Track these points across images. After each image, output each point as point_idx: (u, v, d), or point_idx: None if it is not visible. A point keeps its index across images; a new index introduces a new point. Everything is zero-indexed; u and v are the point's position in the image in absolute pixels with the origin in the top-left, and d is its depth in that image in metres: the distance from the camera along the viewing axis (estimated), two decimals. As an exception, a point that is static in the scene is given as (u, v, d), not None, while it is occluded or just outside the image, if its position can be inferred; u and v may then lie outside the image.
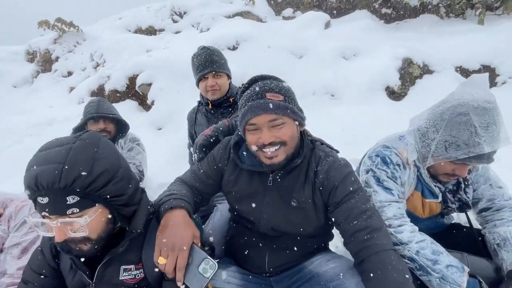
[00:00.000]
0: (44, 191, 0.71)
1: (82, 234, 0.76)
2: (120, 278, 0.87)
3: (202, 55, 1.76)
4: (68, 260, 0.91)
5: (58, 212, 0.73)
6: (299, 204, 1.08)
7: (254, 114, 0.98)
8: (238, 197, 1.16)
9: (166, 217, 0.92)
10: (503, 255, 1.11)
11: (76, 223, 0.75)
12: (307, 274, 1.12)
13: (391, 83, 3.94)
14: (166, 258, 0.82)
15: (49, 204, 0.72)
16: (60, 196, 0.72)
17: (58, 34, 7.50)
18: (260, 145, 1.01)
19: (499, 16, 5.25)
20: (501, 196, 1.23)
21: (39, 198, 0.72)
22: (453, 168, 1.13)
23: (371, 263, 0.89)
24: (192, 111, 2.02)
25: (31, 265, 0.92)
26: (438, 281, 0.98)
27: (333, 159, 1.09)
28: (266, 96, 0.99)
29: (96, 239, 0.81)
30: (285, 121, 1.01)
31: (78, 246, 0.80)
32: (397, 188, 1.18)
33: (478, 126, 1.01)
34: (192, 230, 0.89)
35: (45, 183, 0.70)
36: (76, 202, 0.73)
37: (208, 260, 0.83)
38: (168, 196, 1.00)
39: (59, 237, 0.75)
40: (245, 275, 1.20)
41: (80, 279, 0.88)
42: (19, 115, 4.79)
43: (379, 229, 0.94)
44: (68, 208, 0.73)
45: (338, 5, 6.96)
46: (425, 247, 1.04)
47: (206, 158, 1.25)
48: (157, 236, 0.87)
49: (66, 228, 0.76)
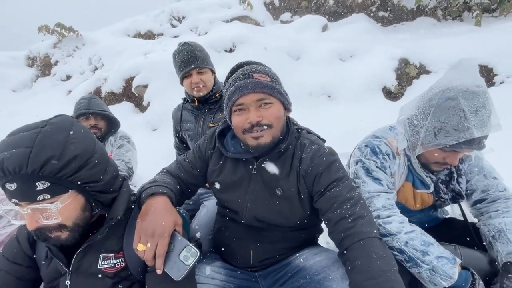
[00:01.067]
0: (11, 176, 0.68)
1: (55, 221, 0.73)
2: (99, 266, 0.83)
3: (184, 52, 1.70)
4: (44, 248, 0.87)
5: (28, 199, 0.70)
6: (284, 192, 1.04)
7: (242, 93, 0.97)
8: (223, 186, 1.13)
9: (147, 203, 0.90)
10: (498, 247, 1.06)
11: (48, 209, 0.71)
12: (294, 268, 1.08)
13: (388, 83, 3.92)
14: (145, 245, 0.79)
15: (17, 190, 0.69)
16: (29, 182, 0.69)
17: (57, 39, 7.57)
18: (247, 127, 0.98)
19: (496, 18, 5.27)
20: (495, 187, 1.18)
21: (7, 184, 0.69)
22: (443, 156, 1.09)
23: (354, 251, 0.84)
24: (177, 109, 1.97)
25: (5, 253, 0.88)
26: (428, 273, 0.93)
27: (318, 147, 1.06)
28: (254, 76, 0.98)
29: (72, 226, 0.77)
30: (272, 101, 0.99)
31: (54, 235, 0.76)
32: (387, 179, 1.14)
33: (467, 110, 0.97)
34: (173, 217, 0.86)
35: (12, 168, 0.67)
36: (46, 188, 0.70)
37: (190, 248, 0.80)
38: (150, 184, 0.99)
39: (31, 225, 0.72)
40: (230, 270, 1.15)
41: (55, 267, 0.84)
42: (17, 117, 4.79)
43: (363, 217, 0.90)
44: (38, 194, 0.70)
45: (336, 9, 7.00)
46: (414, 238, 0.99)
47: (192, 148, 1.23)
48: (137, 222, 0.84)
49: (38, 215, 0.72)
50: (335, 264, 1.00)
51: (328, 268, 0.99)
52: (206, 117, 1.81)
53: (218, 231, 1.24)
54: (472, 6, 5.42)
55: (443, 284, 0.91)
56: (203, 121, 1.81)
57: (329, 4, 7.04)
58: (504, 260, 1.03)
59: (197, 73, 1.71)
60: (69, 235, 0.78)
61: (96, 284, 0.83)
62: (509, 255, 1.02)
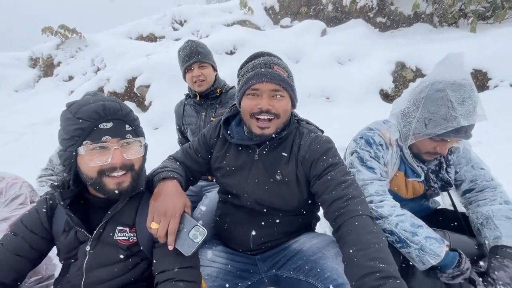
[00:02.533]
0: (110, 116, 0.85)
1: (139, 155, 0.90)
2: (115, 237, 0.90)
3: (187, 48, 1.81)
4: (62, 222, 0.93)
5: (119, 135, 0.86)
6: (283, 177, 1.10)
7: (260, 80, 1.03)
8: (226, 171, 1.19)
9: (159, 186, 0.97)
10: (486, 233, 1.12)
11: (133, 145, 0.90)
12: (292, 251, 1.13)
13: (385, 86, 4.01)
14: (158, 224, 0.86)
15: (112, 128, 0.85)
16: (121, 122, 0.88)
17: (61, 40, 7.65)
18: (256, 111, 1.05)
19: (491, 25, 5.40)
20: (483, 177, 1.24)
21: (102, 124, 0.84)
22: (434, 146, 1.16)
23: (346, 227, 0.89)
24: (180, 104, 2.05)
25: (24, 220, 0.94)
26: (417, 253, 0.99)
27: (315, 135, 1.13)
28: (274, 67, 1.05)
29: (137, 171, 0.91)
30: (285, 95, 1.07)
31: (118, 181, 0.87)
32: (380, 167, 1.20)
33: (454, 101, 1.04)
34: (183, 199, 0.94)
35: (112, 110, 0.86)
36: (131, 130, 0.90)
37: (198, 227, 0.88)
38: (161, 169, 1.05)
39: (118, 159, 0.85)
40: (230, 254, 1.20)
41: (75, 237, 0.90)
42: (18, 115, 4.84)
43: (356, 197, 0.95)
44: (127, 133, 0.88)
45: (335, 15, 7.15)
46: (404, 220, 1.04)
47: (197, 136, 1.29)
48: (150, 203, 0.92)
49: (124, 152, 0.86)
50: (330, 244, 1.06)
51: (323, 248, 1.06)
52: (207, 112, 1.89)
53: (220, 218, 1.29)
54: (468, 13, 5.56)
55: (431, 262, 0.97)
56: (205, 115, 1.89)
57: (328, 9, 7.19)
58: (491, 244, 1.08)
59: (199, 67, 1.80)
60: (130, 184, 0.89)
61: (111, 253, 0.89)
62: (496, 239, 1.07)
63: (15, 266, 0.89)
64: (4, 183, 1.30)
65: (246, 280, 1.14)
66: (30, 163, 3.25)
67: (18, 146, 3.59)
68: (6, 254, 0.88)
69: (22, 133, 3.97)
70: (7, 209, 1.25)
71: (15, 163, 3.33)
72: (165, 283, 0.82)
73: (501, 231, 1.08)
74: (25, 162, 3.24)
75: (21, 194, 1.31)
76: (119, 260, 0.89)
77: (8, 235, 0.92)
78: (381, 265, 0.77)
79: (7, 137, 3.87)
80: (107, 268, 0.88)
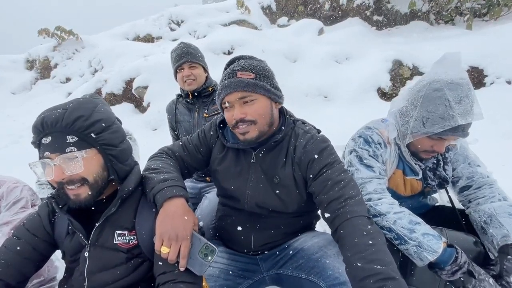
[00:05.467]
0: (48, 129, 0.81)
1: (79, 170, 0.83)
2: (114, 241, 0.90)
3: (179, 49, 1.86)
4: (64, 226, 0.94)
5: (58, 150, 0.81)
6: (281, 180, 1.10)
7: (226, 92, 1.03)
8: (224, 174, 1.19)
9: (165, 206, 0.91)
10: (492, 232, 1.11)
11: (74, 160, 0.82)
12: (293, 250, 1.13)
13: (382, 84, 4.03)
14: (169, 248, 0.84)
15: (51, 143, 0.81)
16: (61, 135, 0.82)
17: (57, 42, 7.63)
18: (234, 123, 1.05)
19: (487, 22, 5.44)
20: (479, 174, 1.26)
21: (43, 139, 0.82)
22: (431, 144, 1.17)
23: (343, 229, 0.89)
24: (172, 103, 2.08)
25: (26, 224, 0.94)
26: (415, 249, 1.00)
27: (310, 135, 1.12)
28: (237, 75, 1.03)
29: (93, 182, 0.86)
30: (256, 97, 1.04)
31: (75, 193, 0.84)
32: (378, 166, 1.21)
33: (451, 100, 1.05)
34: (192, 218, 0.91)
35: (50, 123, 0.81)
36: (74, 141, 0.83)
37: (209, 246, 0.86)
38: (162, 183, 0.96)
39: (58, 176, 0.81)
40: (232, 254, 1.21)
41: (77, 241, 0.91)
42: (16, 118, 4.83)
43: (352, 198, 0.95)
44: (67, 146, 0.82)
45: (332, 14, 7.16)
46: (402, 217, 1.05)
47: (197, 133, 1.28)
48: (158, 225, 0.87)
49: (64, 168, 0.82)
50: (331, 243, 1.07)
51: (324, 247, 1.06)
52: (200, 109, 1.92)
53: (220, 220, 1.29)
54: (464, 10, 5.59)
55: (429, 258, 0.98)
56: (197, 113, 1.92)
57: (325, 8, 7.20)
58: (500, 243, 1.07)
59: (189, 67, 1.84)
60: (88, 195, 0.86)
61: (111, 257, 0.89)
62: (504, 238, 1.07)
63: (20, 268, 0.89)
64: (5, 187, 1.30)
65: (248, 280, 1.14)
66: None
67: (17, 148, 3.59)
68: (11, 256, 0.89)
69: (21, 136, 3.97)
70: (9, 213, 1.25)
71: (14, 165, 3.32)
72: (166, 284, 0.82)
73: (508, 228, 1.07)
74: (24, 164, 3.21)
75: (22, 198, 1.32)
76: (121, 262, 0.90)
77: (11, 239, 0.93)
78: (379, 267, 0.77)
79: (5, 140, 3.87)
80: (110, 271, 0.89)
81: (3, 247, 0.91)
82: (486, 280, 0.98)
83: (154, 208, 0.95)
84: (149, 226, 0.92)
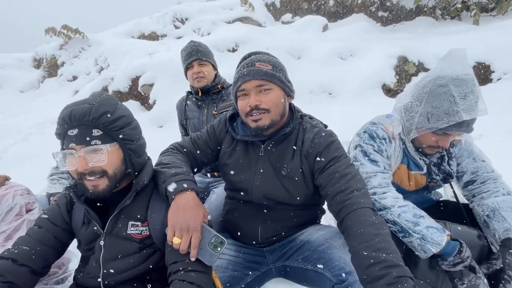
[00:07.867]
0: (76, 122, 0.85)
1: (102, 163, 0.87)
2: (128, 232, 0.94)
3: (189, 47, 1.93)
4: (80, 215, 0.98)
5: (84, 142, 0.86)
6: (289, 172, 1.13)
7: (244, 80, 1.08)
8: (233, 167, 1.22)
9: (176, 199, 0.94)
10: (495, 225, 1.13)
11: (98, 153, 0.87)
12: (299, 243, 1.16)
13: (387, 80, 4.01)
14: (180, 238, 0.88)
15: (77, 135, 0.85)
16: (88, 128, 0.86)
17: (64, 41, 7.72)
18: (248, 110, 1.09)
19: (494, 17, 5.36)
20: (484, 169, 1.27)
21: (69, 131, 0.86)
22: (436, 140, 1.18)
23: (348, 220, 0.92)
24: (181, 100, 2.13)
25: (46, 213, 1.00)
26: (419, 242, 1.02)
27: (318, 129, 1.16)
28: (256, 64, 1.09)
29: (112, 175, 0.91)
30: (272, 87, 1.09)
31: (94, 184, 0.88)
32: (383, 161, 1.23)
33: (456, 96, 1.07)
34: (202, 211, 0.95)
35: (78, 116, 0.85)
36: (99, 135, 0.87)
37: (218, 237, 0.90)
38: (174, 177, 0.99)
39: (81, 166, 0.86)
40: (239, 246, 1.24)
41: (93, 230, 0.95)
42: (24, 115, 4.92)
43: (358, 190, 0.98)
44: (93, 139, 0.86)
45: (336, 10, 7.12)
46: (406, 211, 1.08)
47: (206, 129, 1.32)
48: (170, 217, 0.91)
49: (88, 159, 0.86)
50: (337, 235, 1.10)
51: (330, 239, 1.09)
52: (209, 107, 1.97)
53: (228, 213, 1.33)
54: (471, 5, 5.52)
55: (432, 250, 1.00)
56: (207, 110, 1.96)
57: (329, 4, 7.16)
58: (502, 237, 1.09)
59: (199, 64, 1.91)
60: (106, 186, 0.90)
61: (125, 246, 0.94)
62: (507, 231, 1.09)
63: (43, 255, 0.94)
64: None
65: (255, 271, 1.18)
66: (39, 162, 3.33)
67: (26, 146, 3.66)
68: (34, 244, 0.94)
69: (29, 133, 4.05)
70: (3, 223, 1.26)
71: (24, 162, 3.41)
72: (177, 273, 0.86)
73: (510, 222, 1.09)
74: (34, 161, 3.33)
75: (16, 205, 1.31)
76: (134, 252, 0.94)
77: (33, 228, 0.98)
78: (384, 255, 0.80)
79: (15, 137, 3.95)
80: (124, 260, 0.93)
81: (26, 236, 0.96)
82: (481, 278, 1.00)
83: (165, 201, 0.98)
84: (160, 218, 0.96)
